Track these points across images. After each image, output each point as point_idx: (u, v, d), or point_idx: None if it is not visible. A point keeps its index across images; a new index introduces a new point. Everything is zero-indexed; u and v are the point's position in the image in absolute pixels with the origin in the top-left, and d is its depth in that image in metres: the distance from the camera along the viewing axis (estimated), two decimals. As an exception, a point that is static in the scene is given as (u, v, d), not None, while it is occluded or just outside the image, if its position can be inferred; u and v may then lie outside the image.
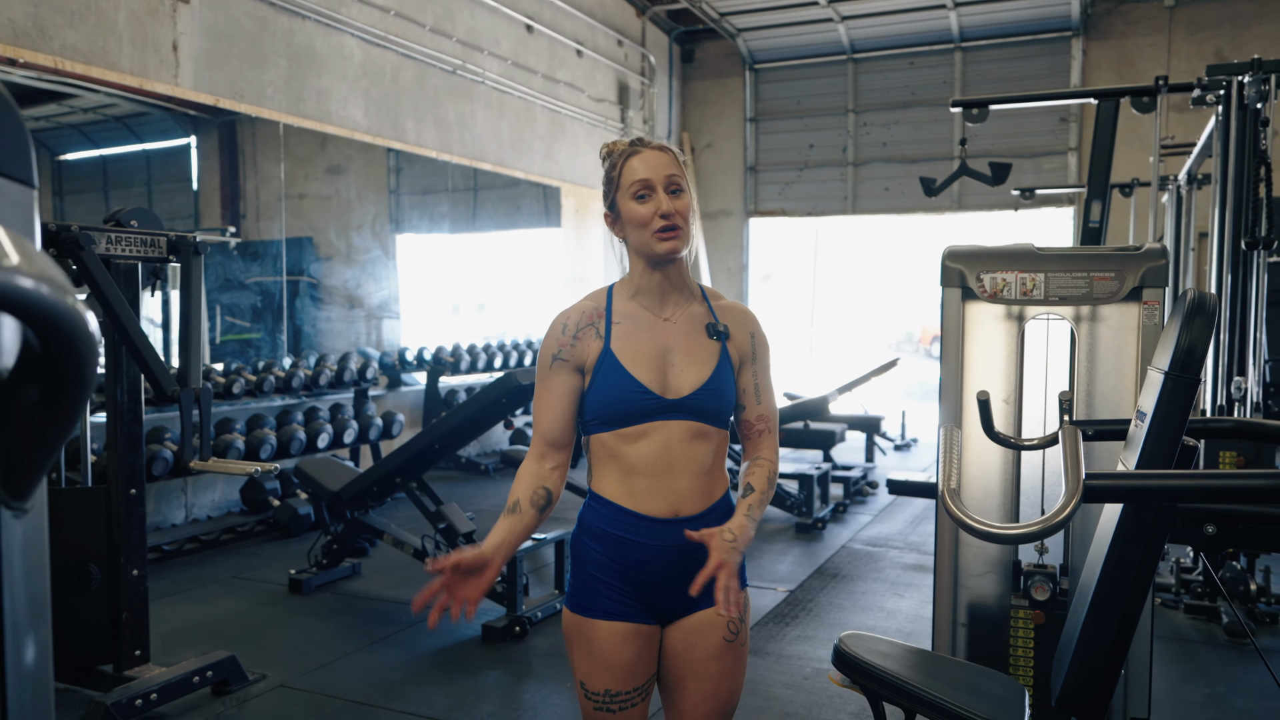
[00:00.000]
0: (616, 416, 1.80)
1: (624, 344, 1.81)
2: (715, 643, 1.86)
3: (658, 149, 1.81)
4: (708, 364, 1.83)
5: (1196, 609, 4.29)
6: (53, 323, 0.65)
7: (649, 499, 1.80)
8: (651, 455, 1.79)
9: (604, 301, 1.88)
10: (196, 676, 3.34)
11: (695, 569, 1.80)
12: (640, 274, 1.86)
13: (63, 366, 0.69)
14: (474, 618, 1.71)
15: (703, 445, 1.82)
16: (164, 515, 5.67)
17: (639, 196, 1.79)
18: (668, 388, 1.80)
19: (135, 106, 5.94)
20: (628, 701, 1.83)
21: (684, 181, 1.82)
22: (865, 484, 7.04)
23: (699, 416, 1.81)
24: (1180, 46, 9.61)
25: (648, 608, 1.85)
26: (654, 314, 1.85)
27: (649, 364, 1.80)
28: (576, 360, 1.83)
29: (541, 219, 9.76)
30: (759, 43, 11.21)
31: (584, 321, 1.84)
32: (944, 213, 10.81)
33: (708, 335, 1.85)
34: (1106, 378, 2.72)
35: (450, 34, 7.95)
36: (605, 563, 1.83)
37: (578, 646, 1.85)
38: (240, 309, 6.66)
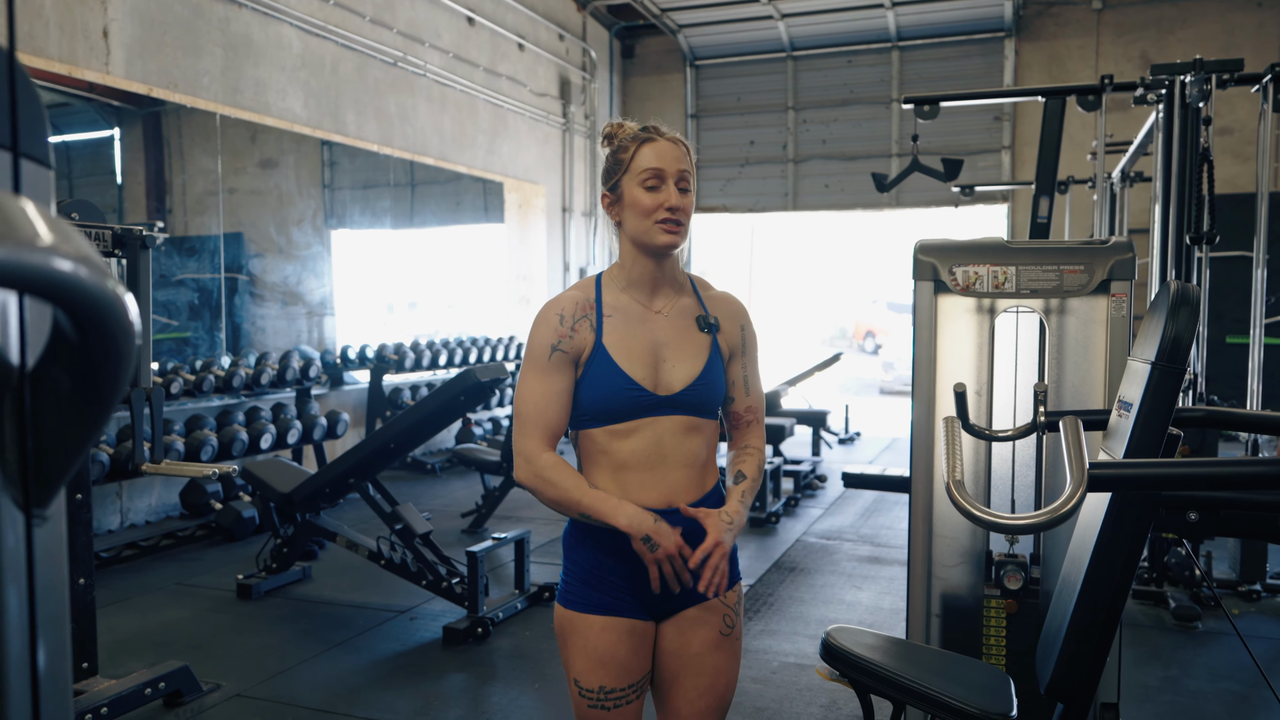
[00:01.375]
0: (608, 413, 1.76)
1: (615, 338, 1.78)
2: (711, 637, 1.84)
3: (673, 141, 1.78)
4: (699, 358, 1.80)
5: (1144, 595, 4.41)
6: (91, 308, 0.59)
7: (641, 492, 1.77)
8: (643, 451, 1.76)
9: (593, 292, 1.83)
10: (148, 688, 3.20)
11: (685, 563, 1.78)
12: (632, 263, 1.82)
13: (99, 356, 0.63)
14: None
15: (695, 438, 1.80)
16: (99, 521, 5.44)
17: (649, 185, 1.75)
18: (659, 383, 1.77)
19: (56, 97, 5.69)
20: (623, 699, 1.80)
21: (692, 178, 1.80)
22: (814, 478, 7.10)
23: (691, 410, 1.78)
24: (1108, 48, 9.89)
25: (641, 603, 1.82)
26: (644, 306, 1.82)
27: (640, 359, 1.77)
28: (574, 351, 1.78)
29: (483, 215, 9.65)
30: (700, 39, 11.23)
31: (579, 313, 1.79)
32: (884, 209, 10.97)
33: (699, 328, 1.82)
34: (1075, 369, 2.77)
35: (391, 25, 7.79)
36: (599, 557, 1.80)
37: (572, 643, 1.81)
38: (174, 307, 6.43)
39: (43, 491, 0.73)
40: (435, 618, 4.18)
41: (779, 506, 6.11)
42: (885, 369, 16.51)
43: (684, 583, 1.73)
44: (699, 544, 1.78)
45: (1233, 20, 9.47)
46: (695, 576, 1.74)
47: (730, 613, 1.87)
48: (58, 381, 0.65)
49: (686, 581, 1.72)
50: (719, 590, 1.73)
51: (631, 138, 1.79)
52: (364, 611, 4.28)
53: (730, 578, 1.88)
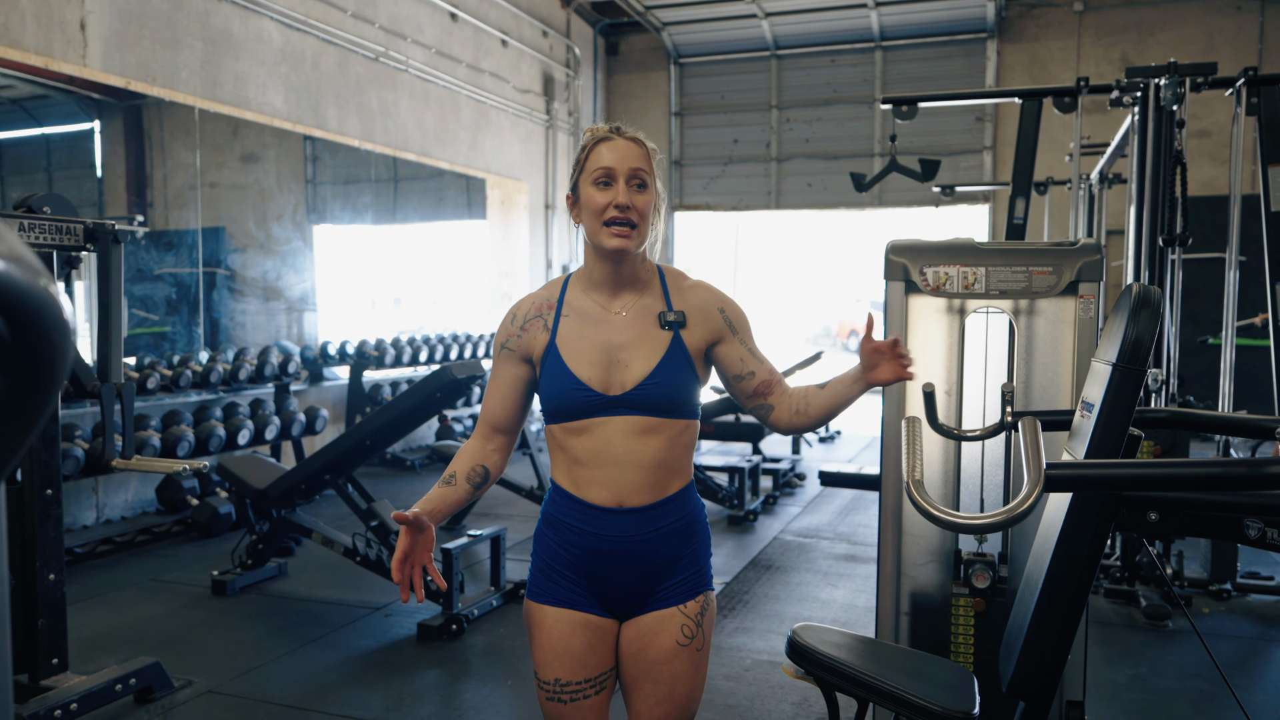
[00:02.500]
0: (560, 412, 1.79)
1: (568, 338, 1.79)
2: (668, 645, 1.81)
3: (630, 139, 1.78)
4: (653, 356, 1.78)
5: (1116, 593, 4.45)
6: (23, 307, 0.59)
7: (592, 488, 1.78)
8: (593, 449, 1.77)
9: (558, 292, 1.86)
10: (119, 684, 3.19)
11: (638, 563, 1.80)
12: (592, 264, 1.83)
13: (33, 356, 0.63)
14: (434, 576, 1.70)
15: (651, 440, 1.77)
16: (74, 516, 5.41)
17: (599, 183, 1.75)
18: (610, 384, 1.77)
19: (35, 89, 5.65)
20: (579, 693, 1.79)
21: (649, 177, 1.78)
22: (793, 476, 7.13)
23: (644, 410, 1.76)
24: (1089, 50, 9.96)
25: (601, 602, 1.82)
26: (603, 307, 1.82)
27: (590, 360, 1.77)
28: (523, 351, 1.83)
29: (466, 211, 9.62)
30: (684, 37, 11.24)
31: (533, 312, 1.83)
32: (866, 208, 11.01)
33: (659, 326, 1.81)
34: (1044, 369, 2.79)
35: (373, 20, 7.76)
36: (558, 550, 1.82)
37: (533, 634, 1.84)
38: (153, 301, 6.39)
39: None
40: (410, 614, 4.17)
41: (757, 504, 6.13)
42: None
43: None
44: (657, 549, 1.81)
45: (1212, 23, 9.55)
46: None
47: (689, 623, 1.83)
48: None
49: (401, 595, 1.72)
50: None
51: (590, 138, 1.79)
52: (339, 608, 4.28)
53: (696, 586, 1.86)
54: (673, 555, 1.82)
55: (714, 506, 6.25)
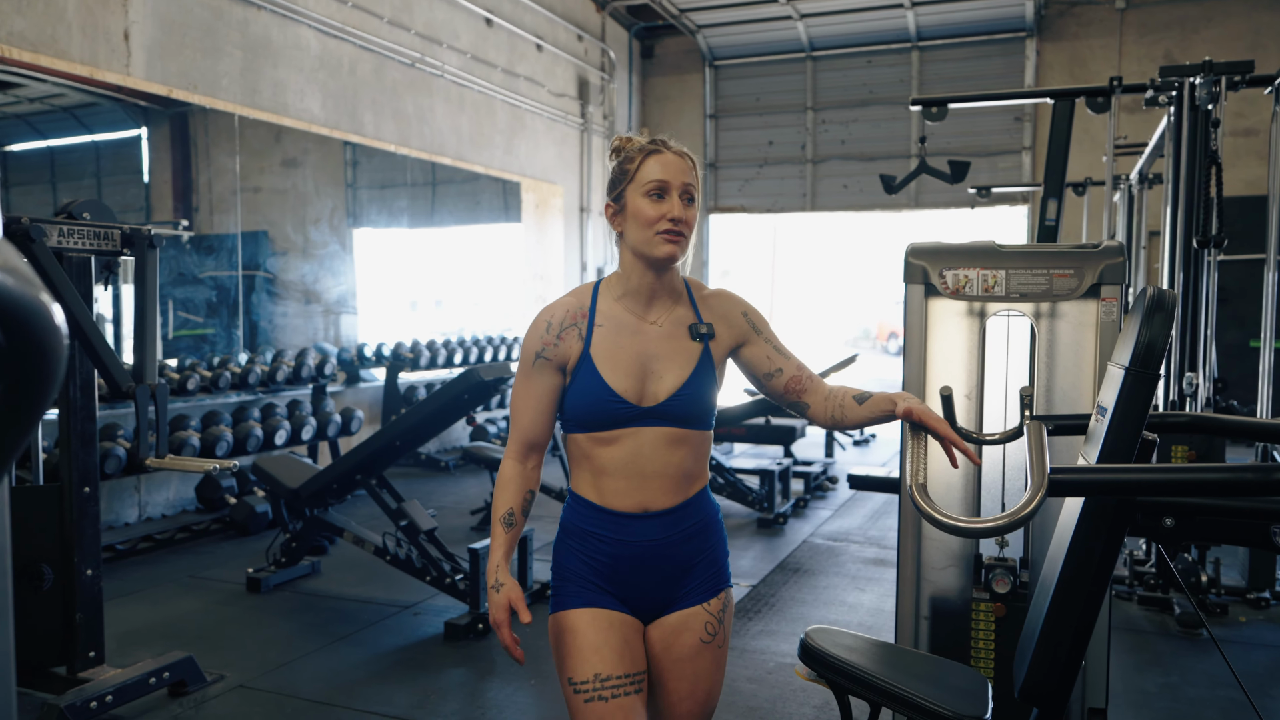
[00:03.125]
0: (591, 422, 1.79)
1: (603, 348, 1.80)
2: (692, 643, 1.85)
3: (679, 154, 1.80)
4: (686, 367, 1.81)
5: (1150, 600, 4.38)
6: (17, 317, 0.63)
7: (617, 498, 1.81)
8: (623, 459, 1.79)
9: (589, 300, 1.85)
10: (153, 678, 3.28)
11: (663, 564, 1.83)
12: (631, 272, 1.83)
13: (27, 363, 0.66)
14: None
15: (679, 450, 1.81)
16: (117, 514, 5.55)
17: (652, 195, 1.77)
18: (644, 395, 1.79)
19: (84, 97, 5.81)
20: (619, 688, 1.76)
21: (696, 191, 1.81)
22: (825, 479, 7.10)
23: (675, 422, 1.79)
24: (1131, 48, 9.80)
25: (628, 605, 1.85)
26: (638, 317, 1.83)
27: (627, 371, 1.79)
28: (559, 359, 1.81)
29: (501, 214, 9.71)
30: (719, 39, 11.24)
31: (568, 320, 1.82)
32: (902, 210, 10.92)
33: (690, 337, 1.84)
34: (1065, 373, 2.76)
35: (409, 26, 7.86)
36: (583, 558, 1.83)
37: (561, 642, 1.81)
38: (194, 304, 6.54)
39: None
40: (438, 613, 4.23)
41: (787, 508, 6.12)
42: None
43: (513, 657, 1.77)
44: (679, 550, 1.84)
45: (1259, 19, 9.35)
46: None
47: (713, 620, 1.87)
48: None
49: (513, 654, 1.76)
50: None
51: (638, 149, 1.80)
52: (369, 606, 4.35)
53: (717, 584, 1.90)
54: (694, 555, 1.86)
55: (743, 509, 6.25)
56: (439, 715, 3.25)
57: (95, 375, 3.27)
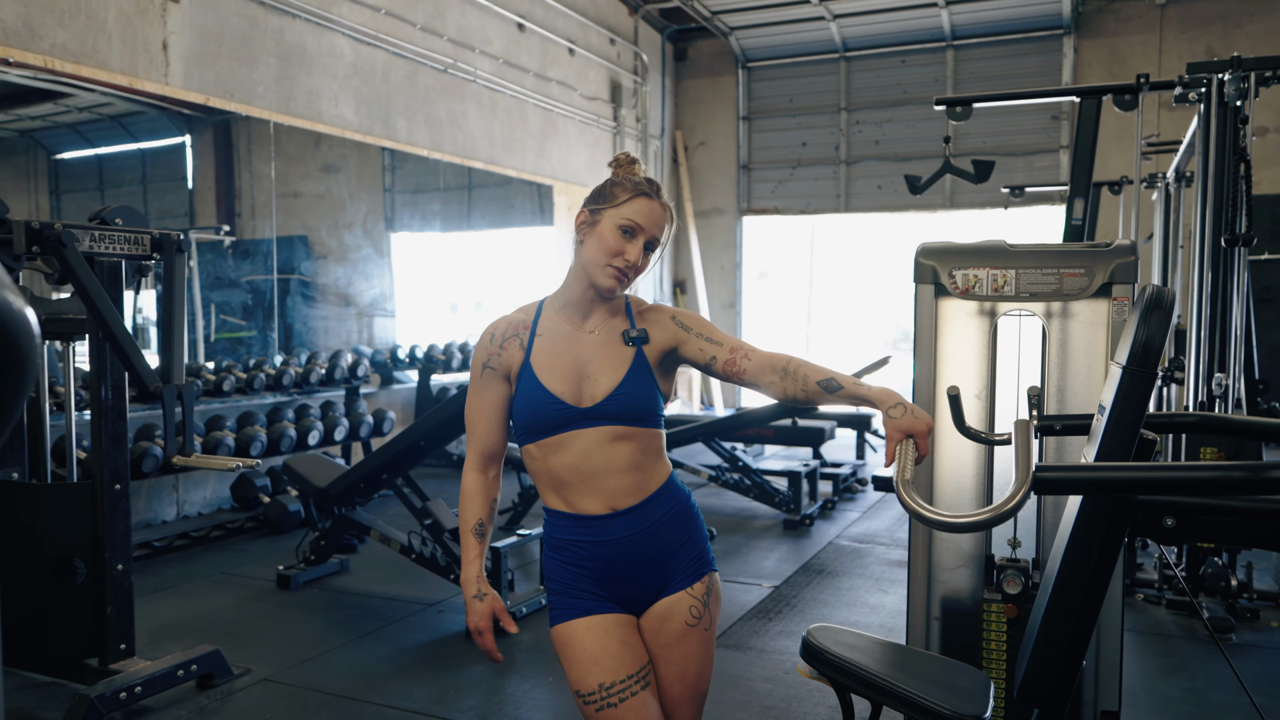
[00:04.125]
0: (535, 427, 1.88)
1: (542, 356, 1.89)
2: (678, 628, 1.92)
3: (664, 206, 1.89)
4: (620, 370, 1.89)
5: (1178, 604, 4.32)
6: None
7: (582, 500, 1.88)
8: (572, 463, 1.87)
9: (533, 314, 1.96)
10: (181, 670, 3.37)
11: (644, 557, 1.90)
12: (574, 284, 1.92)
13: (3, 360, 0.71)
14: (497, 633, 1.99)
15: (625, 446, 1.87)
16: (155, 512, 5.70)
17: (624, 230, 1.84)
18: (582, 397, 1.87)
19: (130, 105, 5.97)
20: (625, 690, 1.83)
21: (659, 246, 1.90)
22: (855, 481, 7.07)
23: (615, 420, 1.87)
24: (1171, 44, 9.63)
25: (620, 603, 1.91)
26: (575, 326, 1.92)
27: (563, 375, 1.87)
28: (503, 368, 1.91)
29: (534, 218, 9.79)
30: (751, 41, 11.23)
31: (510, 332, 1.93)
32: (936, 210, 10.83)
33: (624, 343, 1.91)
34: (1078, 373, 2.75)
35: (441, 33, 7.97)
36: (569, 569, 1.91)
37: (564, 656, 1.89)
38: (233, 307, 6.69)
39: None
40: (461, 611, 4.29)
41: (814, 509, 6.10)
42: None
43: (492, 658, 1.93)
44: (657, 541, 1.89)
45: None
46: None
47: (697, 604, 1.93)
48: None
49: (494, 658, 1.94)
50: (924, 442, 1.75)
51: (634, 184, 1.87)
52: (394, 603, 4.42)
53: (699, 568, 1.95)
54: (674, 543, 1.93)
55: (770, 511, 6.25)
56: (457, 710, 3.31)
57: (126, 377, 3.36)
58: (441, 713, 3.28)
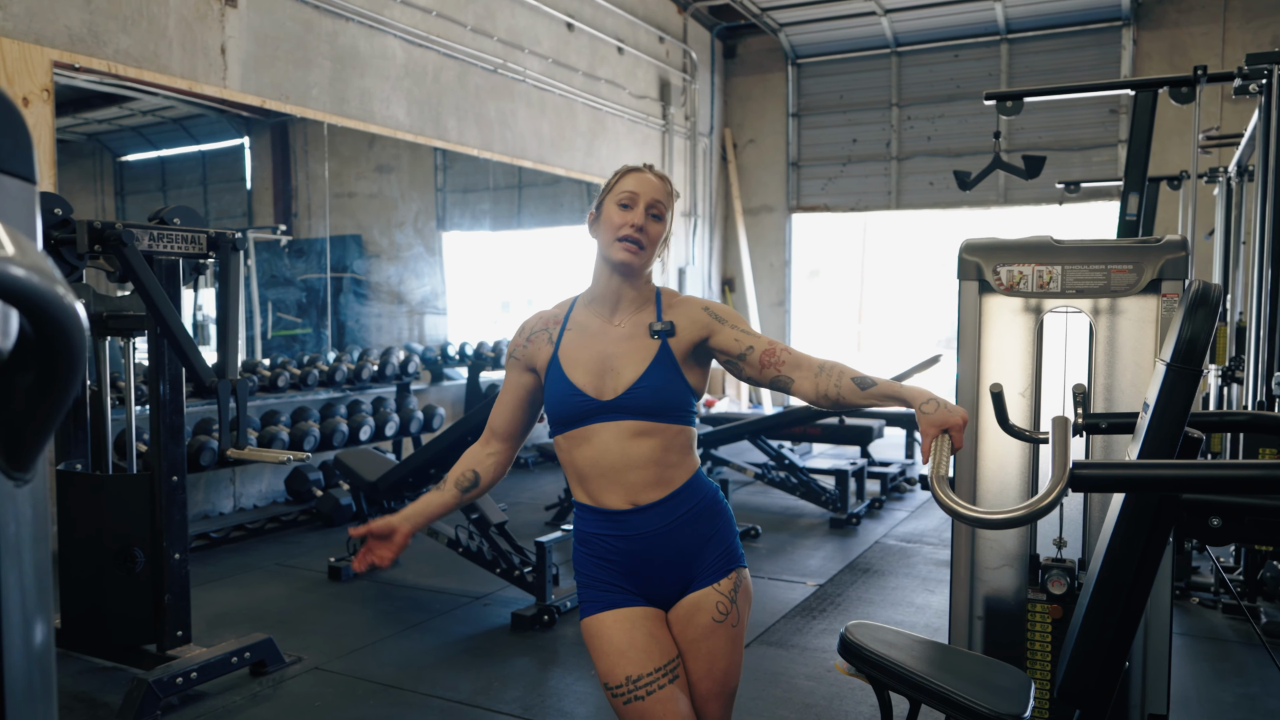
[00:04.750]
0: (560, 418, 1.92)
1: (569, 351, 1.93)
2: (705, 623, 1.92)
3: (656, 176, 1.93)
4: (642, 363, 1.90)
5: (1235, 609, 4.22)
6: (43, 309, 0.72)
7: (605, 494, 1.90)
8: (594, 456, 1.89)
9: (565, 310, 2.01)
10: (235, 657, 3.46)
11: (670, 552, 1.90)
12: (599, 278, 1.95)
13: (54, 350, 0.75)
14: (389, 566, 2.10)
15: (646, 441, 1.88)
16: (213, 504, 5.85)
17: (622, 204, 1.89)
18: (603, 390, 1.89)
19: (191, 109, 6.13)
20: (652, 683, 1.84)
21: (665, 211, 1.92)
22: (903, 480, 7.00)
23: (636, 414, 1.87)
24: (1235, 35, 9.37)
25: (646, 598, 1.93)
26: (603, 320, 1.95)
27: (588, 369, 1.90)
28: (527, 361, 1.98)
29: (583, 216, 9.78)
30: (801, 37, 11.17)
31: (540, 326, 1.99)
32: (990, 207, 10.66)
33: (649, 336, 1.92)
34: (1125, 371, 2.70)
35: (491, 33, 8.05)
36: (596, 562, 1.93)
37: (592, 649, 1.91)
38: (288, 305, 6.84)
39: (23, 459, 0.87)
40: (506, 604, 4.34)
41: (861, 508, 6.06)
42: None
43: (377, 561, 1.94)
44: (682, 536, 1.91)
45: (1376, 1, 8.84)
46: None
47: (724, 600, 1.93)
48: (26, 370, 0.78)
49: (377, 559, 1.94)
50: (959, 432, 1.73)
51: (624, 169, 1.95)
52: (441, 596, 4.49)
53: (727, 564, 1.95)
54: (700, 539, 1.93)
55: (816, 509, 6.22)
56: (501, 701, 3.36)
57: (183, 372, 3.47)
58: (485, 703, 3.33)
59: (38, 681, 1.17)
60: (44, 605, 1.18)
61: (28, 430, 0.83)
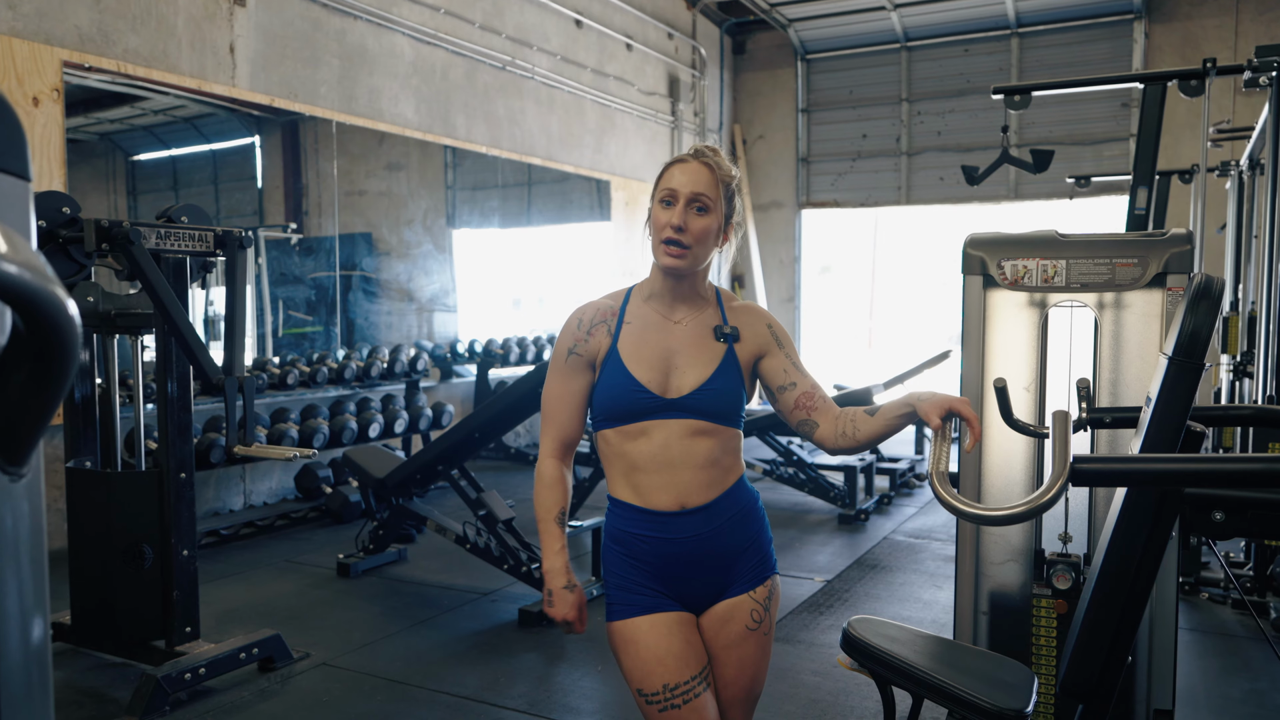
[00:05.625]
0: (617, 413, 1.85)
1: (630, 344, 1.87)
2: (738, 631, 1.90)
3: (701, 164, 1.82)
4: (710, 365, 1.86)
5: (1243, 604, 4.19)
6: (36, 306, 0.72)
7: (654, 494, 1.85)
8: (651, 452, 1.84)
9: (621, 301, 1.93)
10: (243, 653, 3.48)
11: (709, 558, 1.88)
12: (654, 278, 1.91)
13: (47, 348, 0.76)
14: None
15: (705, 441, 1.85)
16: (224, 501, 5.88)
17: (663, 202, 1.82)
18: (668, 387, 1.84)
19: (202, 108, 6.16)
20: (689, 692, 1.82)
21: (713, 203, 1.81)
22: (913, 476, 6.99)
23: (699, 415, 1.84)
24: (1248, 27, 9.30)
25: (680, 601, 1.90)
26: (664, 316, 1.90)
27: (651, 364, 1.85)
28: (589, 355, 1.89)
29: (592, 213, 9.84)
30: (810, 33, 11.14)
31: (598, 318, 1.90)
32: (1000, 202, 10.62)
33: (715, 338, 1.89)
34: (1130, 365, 2.69)
35: (500, 30, 8.06)
36: (631, 563, 1.88)
37: (624, 653, 1.87)
38: (298, 303, 6.86)
39: (17, 453, 0.87)
40: (514, 600, 4.35)
41: (870, 504, 6.05)
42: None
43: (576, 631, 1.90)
44: (723, 542, 1.88)
45: (1391, -8, 8.76)
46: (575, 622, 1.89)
47: (759, 608, 1.92)
48: (19, 365, 0.79)
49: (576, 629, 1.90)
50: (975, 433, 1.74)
51: (671, 159, 1.87)
52: (449, 592, 4.51)
53: (762, 571, 1.94)
54: (739, 545, 1.91)
55: (825, 505, 6.21)
56: (507, 697, 3.37)
57: (191, 370, 3.49)
58: (492, 699, 3.34)
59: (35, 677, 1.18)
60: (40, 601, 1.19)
61: (22, 424, 0.83)
